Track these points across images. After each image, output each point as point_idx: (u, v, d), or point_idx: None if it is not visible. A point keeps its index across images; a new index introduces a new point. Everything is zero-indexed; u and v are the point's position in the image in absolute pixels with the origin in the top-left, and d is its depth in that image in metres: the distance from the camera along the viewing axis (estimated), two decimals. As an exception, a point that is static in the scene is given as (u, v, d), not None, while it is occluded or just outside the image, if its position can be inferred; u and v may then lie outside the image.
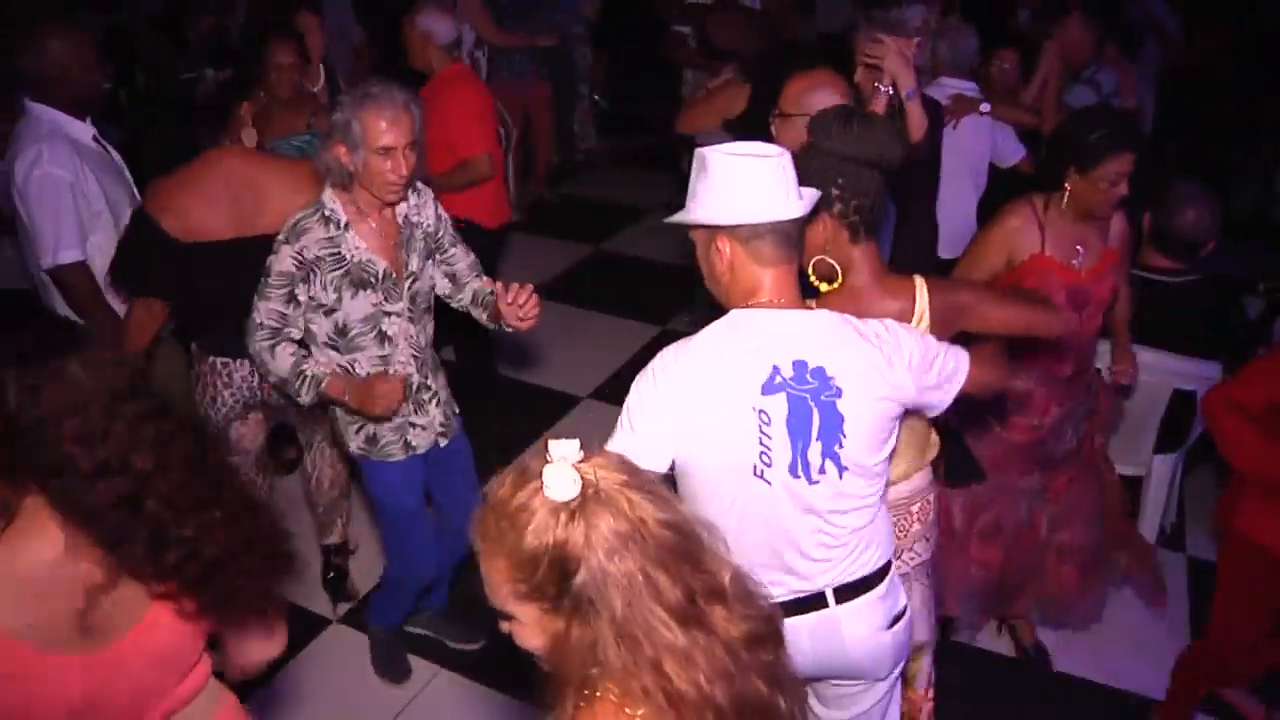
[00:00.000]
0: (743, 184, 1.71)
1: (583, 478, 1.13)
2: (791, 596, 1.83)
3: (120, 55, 5.34)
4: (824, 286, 2.02)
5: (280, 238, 2.42)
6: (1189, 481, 3.72)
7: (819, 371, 1.72)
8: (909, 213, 3.02)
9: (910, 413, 1.88)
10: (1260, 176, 5.98)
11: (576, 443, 1.17)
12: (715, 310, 1.83)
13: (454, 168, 3.66)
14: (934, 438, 2.28)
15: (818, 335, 1.74)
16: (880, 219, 2.04)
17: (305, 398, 2.48)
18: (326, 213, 2.41)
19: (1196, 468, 3.81)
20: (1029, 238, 2.64)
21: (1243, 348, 3.20)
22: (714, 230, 1.76)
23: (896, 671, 2.01)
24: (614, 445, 1.74)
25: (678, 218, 1.81)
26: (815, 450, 1.73)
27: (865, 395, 1.73)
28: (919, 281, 2.07)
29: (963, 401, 1.92)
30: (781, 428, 1.72)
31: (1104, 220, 2.66)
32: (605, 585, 1.10)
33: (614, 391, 3.83)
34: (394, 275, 2.48)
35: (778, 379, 1.71)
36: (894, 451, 1.87)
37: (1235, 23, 5.82)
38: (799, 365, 1.71)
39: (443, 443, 2.70)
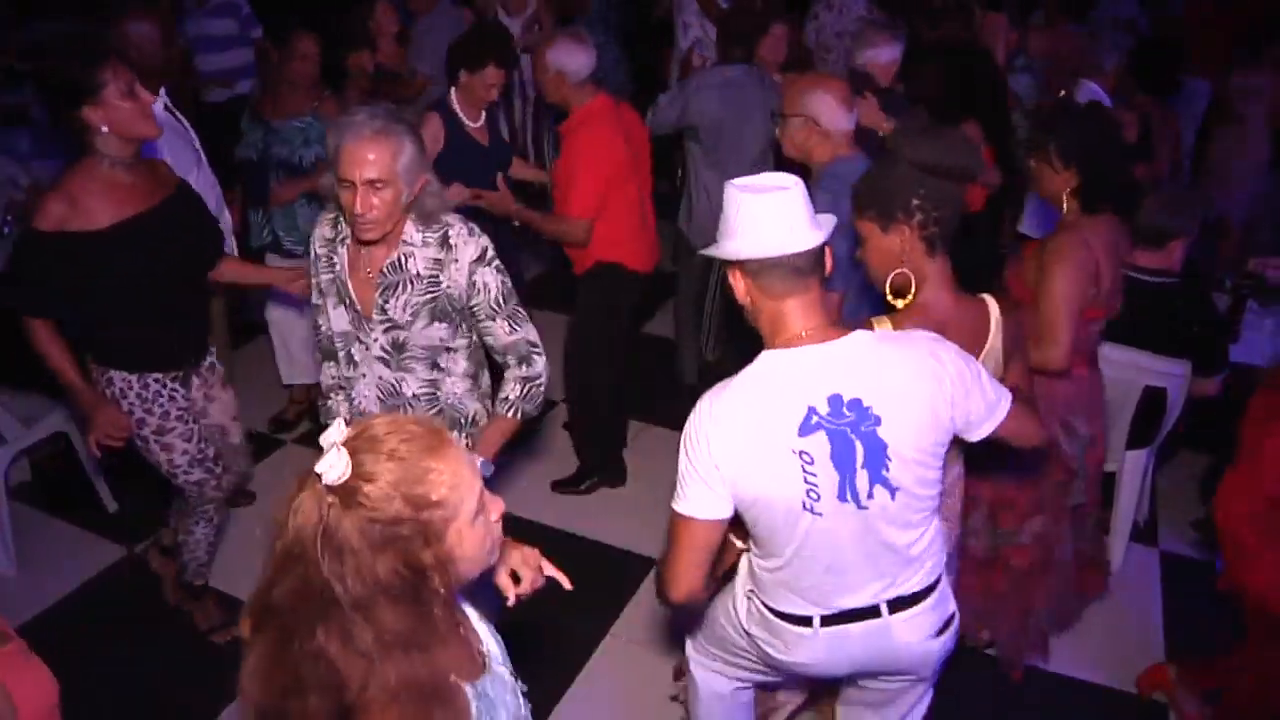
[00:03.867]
0: (746, 219, 1.72)
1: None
2: (844, 610, 1.86)
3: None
4: (899, 302, 2.02)
5: None
6: (1161, 476, 3.77)
7: (855, 403, 1.71)
8: None
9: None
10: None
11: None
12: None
13: (555, 215, 3.49)
14: None
15: (851, 364, 1.73)
16: (954, 234, 2.02)
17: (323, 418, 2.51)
18: (342, 220, 2.34)
19: (1168, 463, 3.86)
20: None
21: (1213, 344, 3.24)
22: (729, 263, 1.78)
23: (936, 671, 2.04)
24: (680, 506, 1.78)
25: (706, 251, 1.84)
26: (863, 478, 1.73)
27: (906, 416, 1.72)
28: (989, 300, 2.07)
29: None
30: (826, 463, 1.72)
31: None
32: None
33: (591, 394, 3.82)
34: (360, 309, 2.35)
35: (814, 419, 1.70)
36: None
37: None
38: (834, 400, 1.71)
39: None
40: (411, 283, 2.29)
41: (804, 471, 1.71)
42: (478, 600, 1.45)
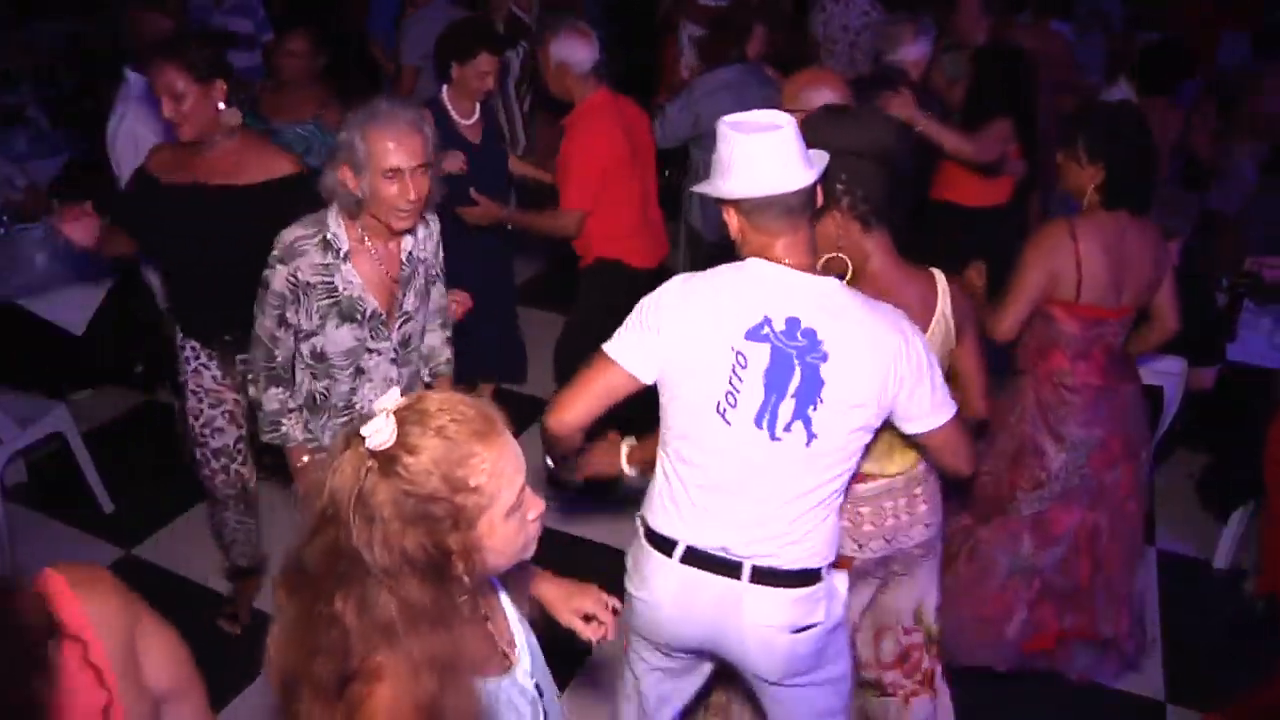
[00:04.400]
0: (740, 158, 1.75)
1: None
2: (709, 550, 1.86)
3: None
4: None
5: (275, 254, 2.30)
6: (1158, 475, 3.77)
7: (810, 332, 1.75)
8: None
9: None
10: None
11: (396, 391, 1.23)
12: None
13: (547, 211, 3.50)
14: None
15: (819, 299, 1.77)
16: (889, 206, 2.05)
17: (264, 438, 2.49)
18: (328, 237, 2.29)
19: (1165, 461, 3.86)
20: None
21: (1211, 343, 3.24)
22: (723, 200, 1.82)
23: (817, 680, 1.95)
24: (609, 346, 1.87)
25: (698, 188, 1.91)
26: (787, 407, 1.76)
27: (851, 368, 1.75)
28: (936, 272, 2.11)
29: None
30: (757, 376, 1.75)
31: None
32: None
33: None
34: (383, 316, 2.38)
35: (765, 330, 1.75)
36: (870, 448, 1.89)
37: None
38: (791, 322, 1.75)
39: None
40: (417, 269, 2.44)
41: (733, 371, 1.76)
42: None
